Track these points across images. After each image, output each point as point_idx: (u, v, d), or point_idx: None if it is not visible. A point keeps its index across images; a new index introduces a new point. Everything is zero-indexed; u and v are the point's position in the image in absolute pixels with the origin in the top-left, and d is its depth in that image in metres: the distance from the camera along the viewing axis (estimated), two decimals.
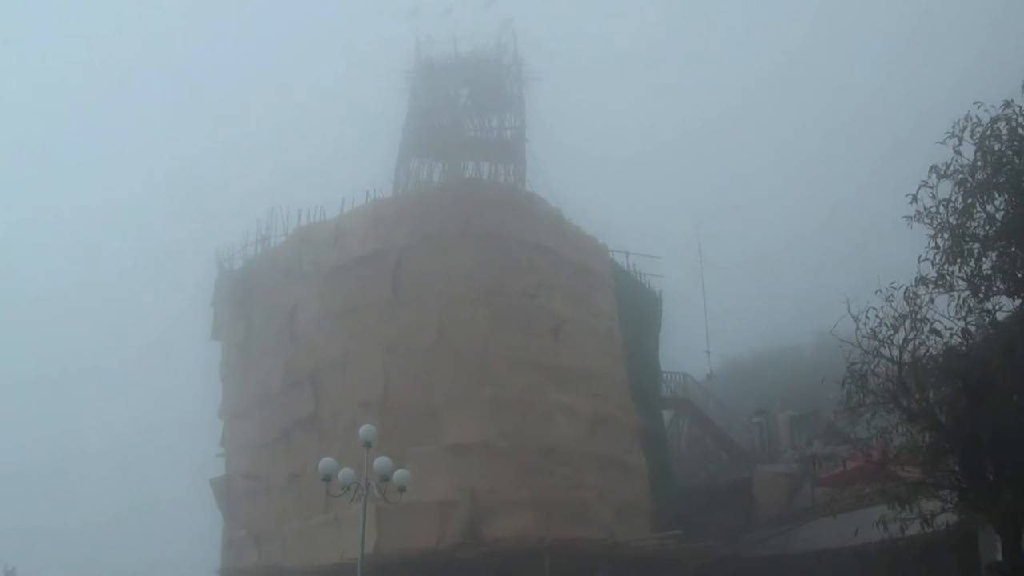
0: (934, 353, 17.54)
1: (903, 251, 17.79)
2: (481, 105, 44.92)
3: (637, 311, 40.88)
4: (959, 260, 16.84)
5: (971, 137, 16.93)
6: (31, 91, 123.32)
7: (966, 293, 17.15)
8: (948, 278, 17.05)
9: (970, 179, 16.88)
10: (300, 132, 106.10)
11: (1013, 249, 16.60)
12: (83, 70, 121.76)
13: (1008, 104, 16.73)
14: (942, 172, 17.06)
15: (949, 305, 17.31)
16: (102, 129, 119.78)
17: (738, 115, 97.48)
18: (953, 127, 17.06)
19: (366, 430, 21.89)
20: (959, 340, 17.36)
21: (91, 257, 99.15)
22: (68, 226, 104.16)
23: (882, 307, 17.40)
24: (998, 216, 16.82)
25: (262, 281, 39.80)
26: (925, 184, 17.17)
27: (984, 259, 16.90)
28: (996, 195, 16.84)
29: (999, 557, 17.91)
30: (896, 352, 17.48)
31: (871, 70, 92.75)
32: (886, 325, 17.46)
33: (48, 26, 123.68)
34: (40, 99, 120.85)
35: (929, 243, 17.15)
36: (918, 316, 17.28)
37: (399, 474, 21.62)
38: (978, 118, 16.90)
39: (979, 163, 16.83)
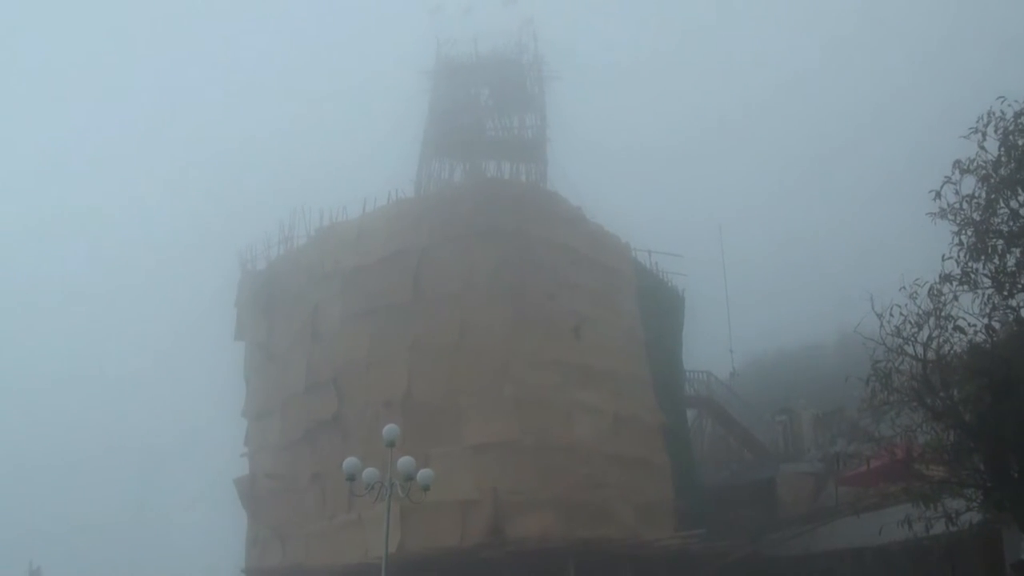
0: (958, 351, 17.40)
1: (927, 248, 17.68)
2: (502, 105, 44.95)
3: (659, 310, 40.79)
4: (983, 257, 16.73)
5: (995, 132, 16.79)
6: (51, 86, 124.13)
7: (990, 290, 17.03)
8: (972, 275, 16.92)
9: (994, 175, 16.75)
10: (321, 132, 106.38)
11: None
12: (103, 65, 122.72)
13: None
14: (966, 167, 16.94)
15: (973, 302, 17.19)
16: (121, 128, 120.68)
17: (760, 112, 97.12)
18: (977, 122, 16.93)
19: (389, 430, 21.93)
20: (983, 337, 17.24)
21: (114, 257, 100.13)
22: (88, 225, 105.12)
23: (906, 304, 17.29)
24: (1022, 212, 16.69)
25: (285, 282, 39.99)
26: (948, 180, 17.06)
27: (1008, 256, 16.78)
28: (1020, 191, 16.72)
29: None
30: (920, 350, 17.36)
31: (895, 67, 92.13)
32: (910, 323, 17.34)
33: (69, 19, 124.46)
34: (58, 95, 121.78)
35: (953, 240, 17.04)
36: (942, 313, 17.14)
37: (423, 473, 21.65)
38: (1002, 112, 16.77)
39: (1003, 158, 16.71)
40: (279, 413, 39.25)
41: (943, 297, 17.10)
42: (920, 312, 17.26)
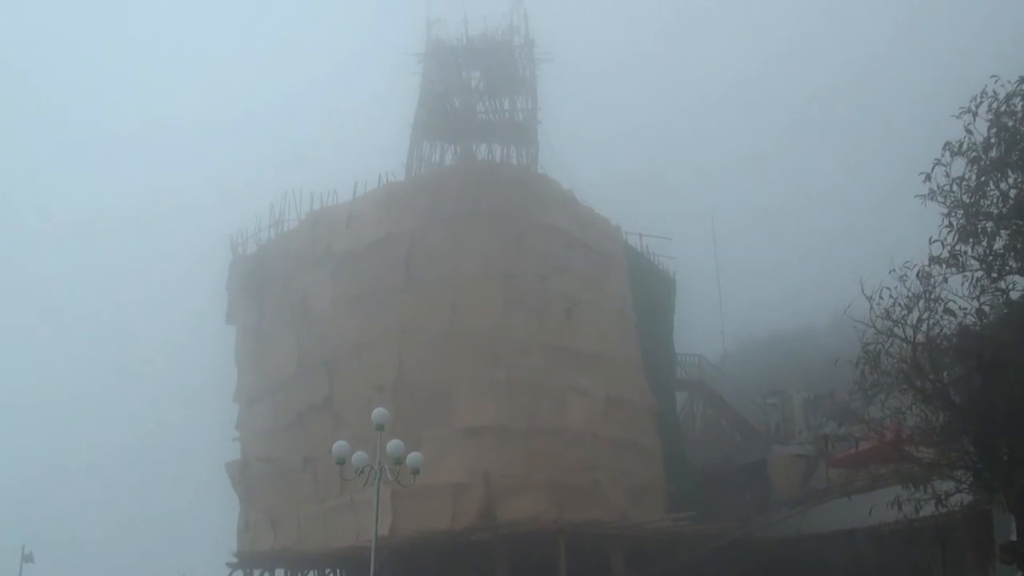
0: (948, 333, 17.41)
1: (917, 230, 17.64)
2: (493, 87, 44.74)
3: (650, 292, 40.82)
4: (972, 239, 16.69)
5: (987, 113, 16.70)
6: (43, 74, 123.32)
7: (979, 272, 17.00)
8: (961, 257, 16.89)
9: (984, 156, 16.69)
10: (312, 115, 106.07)
11: None
12: (93, 46, 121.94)
13: (1023, 80, 16.52)
14: (956, 149, 16.87)
15: (963, 284, 17.18)
16: (114, 110, 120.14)
17: (752, 95, 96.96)
18: (970, 102, 16.83)
19: (379, 413, 21.93)
20: (973, 320, 17.24)
21: (106, 240, 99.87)
22: (81, 208, 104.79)
23: (896, 287, 17.30)
24: (1011, 194, 16.64)
25: (275, 266, 39.92)
26: (939, 162, 17.00)
27: (997, 238, 16.74)
28: (1010, 173, 16.66)
29: (1013, 537, 17.83)
30: (910, 332, 17.37)
31: (890, 43, 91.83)
32: (900, 305, 17.35)
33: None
34: (50, 83, 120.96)
35: (942, 222, 17.00)
36: (932, 296, 17.14)
37: (412, 457, 21.65)
38: (995, 92, 16.67)
39: (993, 140, 16.64)
40: (270, 397, 39.23)
41: (932, 279, 17.08)
42: (910, 294, 17.27)
